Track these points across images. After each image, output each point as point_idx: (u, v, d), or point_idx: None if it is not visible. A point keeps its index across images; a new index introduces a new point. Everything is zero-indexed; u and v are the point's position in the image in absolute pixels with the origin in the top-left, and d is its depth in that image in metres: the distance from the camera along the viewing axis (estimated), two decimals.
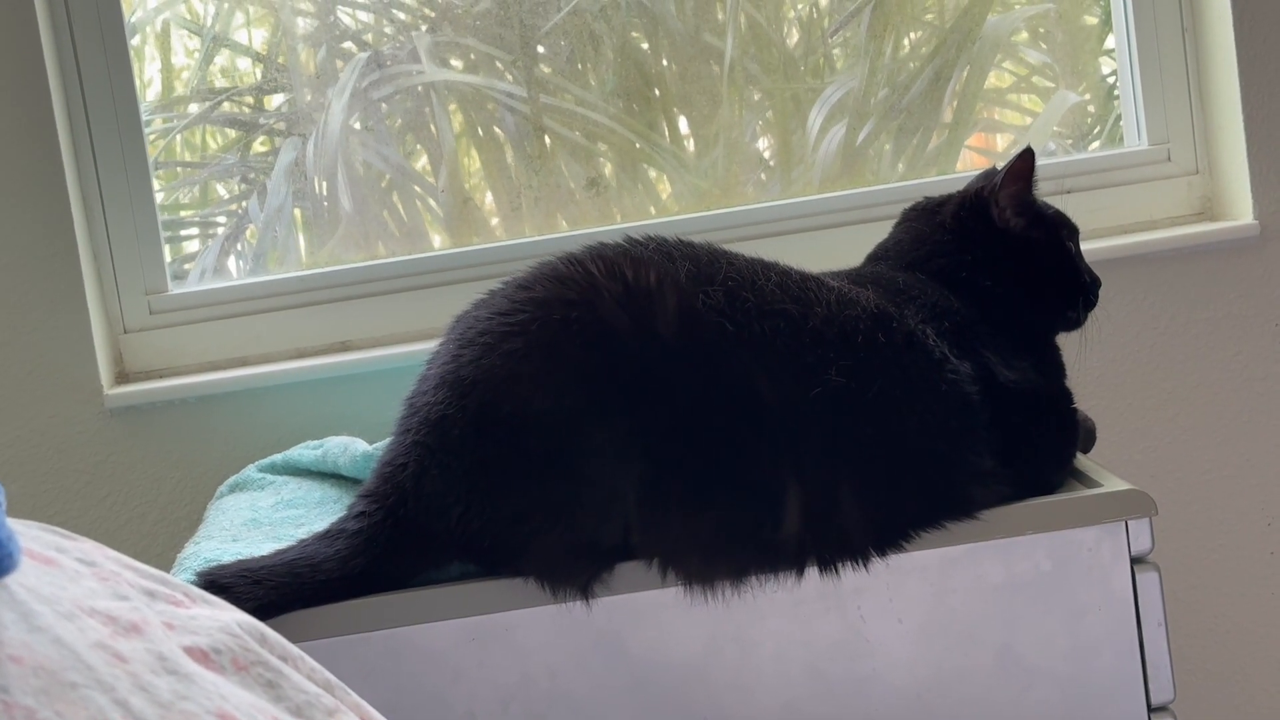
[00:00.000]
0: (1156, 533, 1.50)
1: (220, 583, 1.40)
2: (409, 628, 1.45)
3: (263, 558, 1.47)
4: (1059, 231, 1.70)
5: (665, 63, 2.40)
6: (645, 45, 2.39)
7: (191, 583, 1.40)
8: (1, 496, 0.78)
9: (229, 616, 0.86)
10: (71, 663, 0.72)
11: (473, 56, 2.38)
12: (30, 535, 0.84)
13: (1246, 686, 2.32)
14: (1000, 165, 1.76)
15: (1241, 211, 2.27)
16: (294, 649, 0.89)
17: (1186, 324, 2.27)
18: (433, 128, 2.38)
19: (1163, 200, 2.33)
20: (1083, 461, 1.63)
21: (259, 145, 2.41)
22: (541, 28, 2.35)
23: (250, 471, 1.96)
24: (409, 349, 2.17)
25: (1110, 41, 2.43)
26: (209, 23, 2.39)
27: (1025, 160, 1.67)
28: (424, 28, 2.39)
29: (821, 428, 1.44)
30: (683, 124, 2.41)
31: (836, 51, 2.45)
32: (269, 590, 1.42)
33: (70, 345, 2.16)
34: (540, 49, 2.37)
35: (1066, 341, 1.72)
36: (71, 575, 0.81)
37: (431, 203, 2.40)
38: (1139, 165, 2.34)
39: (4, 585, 0.74)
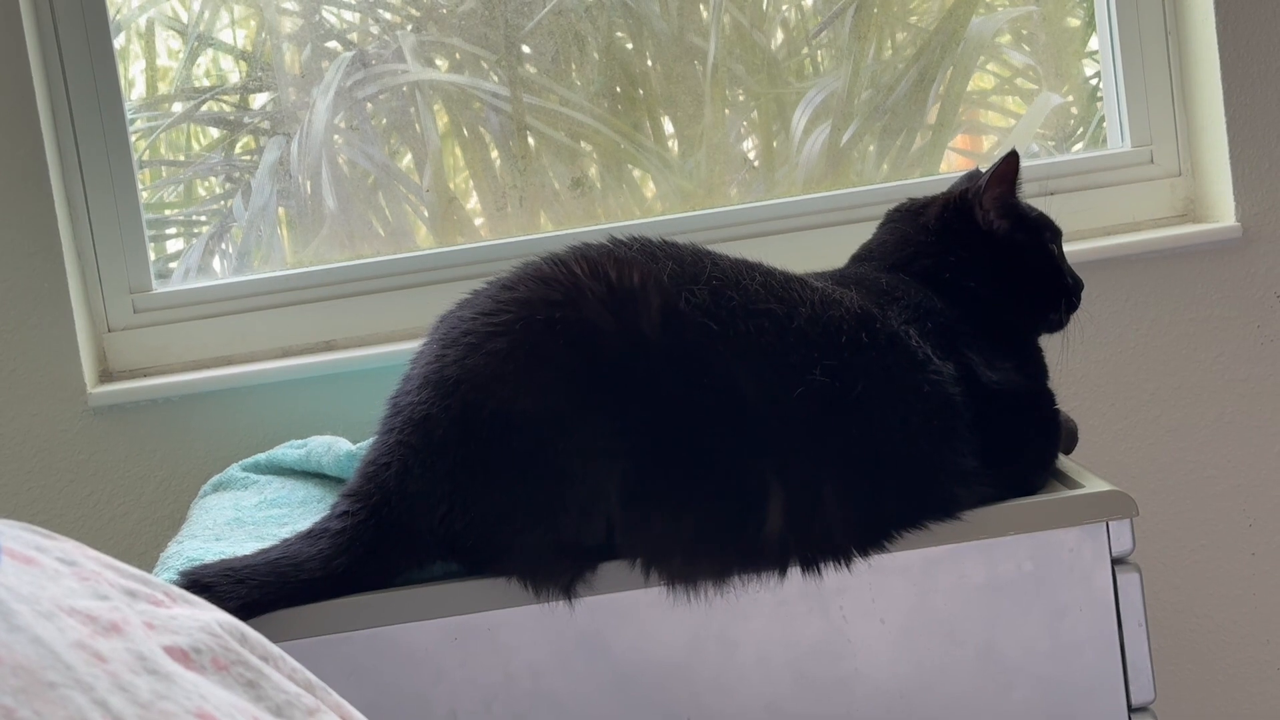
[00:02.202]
0: (1138, 533, 1.51)
1: (203, 582, 1.40)
2: (391, 627, 1.45)
3: (246, 557, 1.47)
4: (1042, 233, 1.71)
5: (650, 63, 2.41)
6: (630, 45, 2.40)
7: (174, 582, 1.40)
8: None
9: (209, 616, 0.86)
10: (50, 662, 0.72)
11: (458, 56, 2.38)
12: (10, 534, 0.84)
13: (1228, 687, 2.33)
14: (984, 166, 1.76)
15: (1224, 213, 2.27)
16: (274, 648, 0.89)
17: (1169, 325, 2.27)
18: (418, 127, 2.38)
19: (1145, 202, 2.34)
20: (1064, 462, 1.63)
21: (243, 144, 2.41)
22: (526, 27, 2.35)
23: (234, 471, 1.96)
24: (393, 348, 2.17)
25: (1093, 43, 2.44)
26: (193, 21, 2.39)
27: (1010, 163, 1.67)
28: (409, 27, 2.38)
29: (804, 428, 1.44)
30: (667, 125, 2.41)
31: (821, 53, 2.45)
32: (252, 589, 1.42)
33: (54, 344, 2.16)
34: (526, 49, 2.37)
35: (1049, 342, 1.72)
36: (51, 574, 0.81)
37: (415, 201, 2.40)
38: (1122, 167, 2.34)
39: None
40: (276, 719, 0.82)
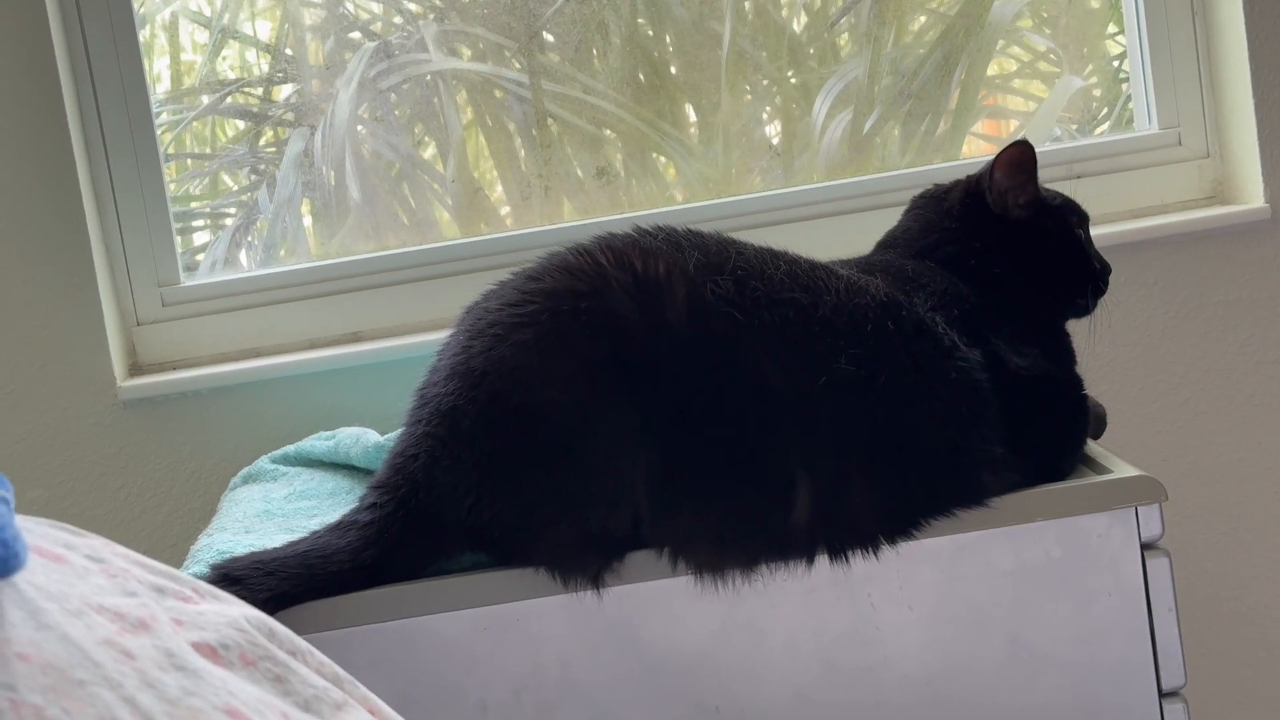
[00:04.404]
0: (1168, 517, 1.50)
1: (233, 574, 1.41)
2: (421, 618, 1.46)
3: (275, 549, 1.48)
4: (1068, 219, 1.70)
5: (673, 50, 2.40)
6: (652, 33, 2.39)
7: (205, 575, 1.40)
8: (10, 495, 0.78)
9: (237, 611, 0.86)
10: (79, 660, 0.72)
11: (481, 46, 2.38)
12: (39, 532, 0.84)
13: (1259, 670, 2.32)
14: None
15: (1252, 195, 2.26)
16: (302, 643, 0.89)
17: (1198, 308, 2.26)
18: (441, 117, 2.38)
19: (1173, 184, 2.33)
20: (1093, 448, 1.63)
21: (268, 136, 2.41)
22: (545, 14, 2.35)
23: (263, 463, 1.96)
24: (420, 339, 2.17)
25: (1115, 25, 2.42)
26: (216, 14, 2.39)
27: (1023, 151, 1.65)
28: (431, 17, 2.39)
29: (831, 416, 1.44)
30: (691, 113, 2.41)
31: (843, 38, 2.44)
32: (281, 581, 1.42)
33: (83, 338, 2.17)
34: (550, 38, 2.37)
35: (1076, 327, 1.72)
36: (80, 572, 0.81)
37: (440, 191, 2.40)
38: (1149, 149, 2.33)
39: (11, 583, 0.75)
40: (305, 714, 0.82)
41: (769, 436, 1.43)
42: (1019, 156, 1.65)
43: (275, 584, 1.42)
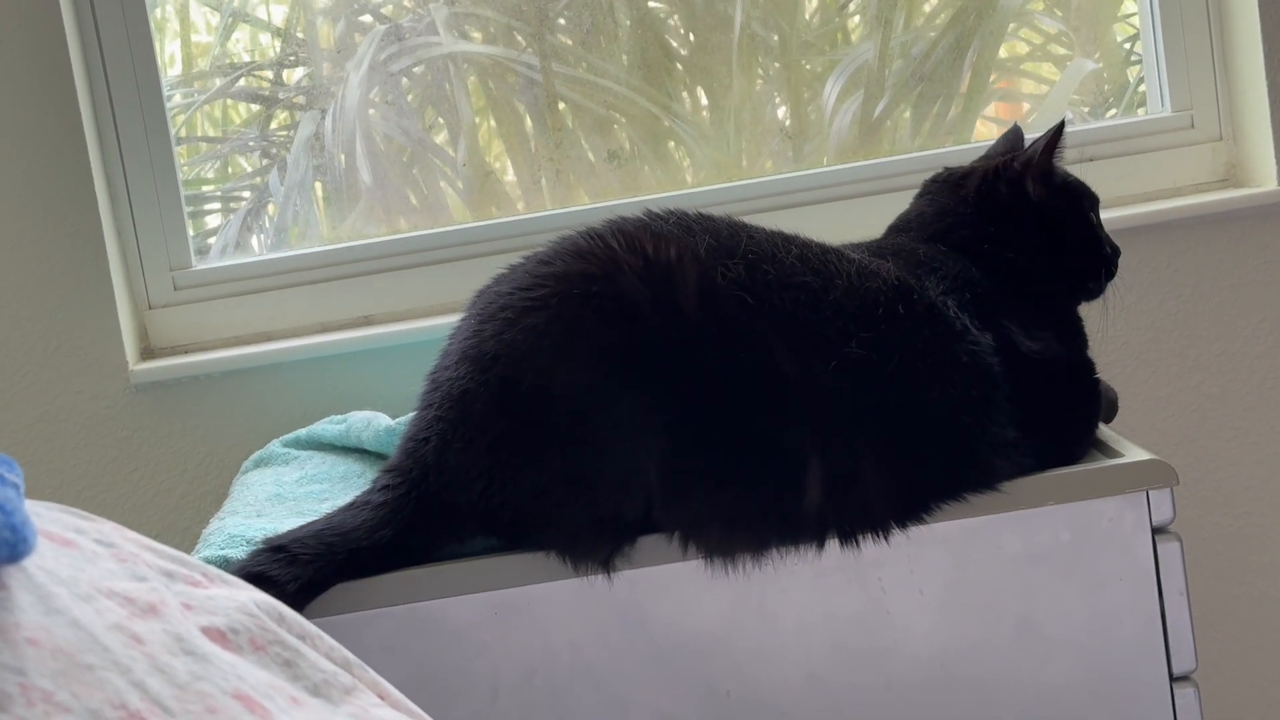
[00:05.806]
0: (1179, 500, 1.50)
1: (253, 571, 1.39)
2: (432, 602, 1.46)
3: (292, 531, 1.46)
4: (1080, 202, 1.70)
5: (684, 33, 2.40)
6: (663, 15, 2.39)
7: (221, 563, 1.40)
8: (20, 480, 0.78)
9: (246, 596, 0.87)
10: (89, 645, 0.72)
11: (491, 28, 2.38)
12: (49, 517, 0.85)
13: (1272, 654, 2.32)
14: (1020, 126, 1.75)
15: (1265, 178, 2.25)
16: (312, 627, 0.90)
17: (1210, 291, 2.25)
18: (452, 101, 2.38)
19: (1186, 167, 2.32)
20: (1104, 431, 1.63)
21: (279, 120, 2.41)
22: None
23: (274, 446, 1.97)
24: (431, 323, 2.17)
25: (1127, 7, 2.41)
26: None
27: (1060, 135, 1.66)
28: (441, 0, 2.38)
29: (842, 400, 1.44)
30: (702, 96, 2.41)
31: (854, 20, 2.43)
32: (304, 568, 1.41)
33: (95, 322, 2.17)
34: (561, 20, 2.37)
35: (1089, 311, 1.71)
36: (90, 556, 0.81)
37: (451, 175, 2.40)
38: (1162, 132, 2.32)
39: (21, 568, 0.75)
40: (314, 698, 0.82)
41: (780, 420, 1.43)
42: (1059, 140, 1.65)
43: (299, 572, 1.41)
